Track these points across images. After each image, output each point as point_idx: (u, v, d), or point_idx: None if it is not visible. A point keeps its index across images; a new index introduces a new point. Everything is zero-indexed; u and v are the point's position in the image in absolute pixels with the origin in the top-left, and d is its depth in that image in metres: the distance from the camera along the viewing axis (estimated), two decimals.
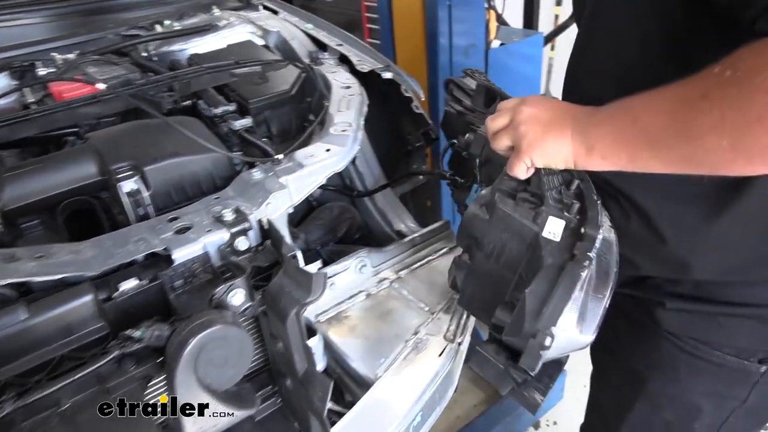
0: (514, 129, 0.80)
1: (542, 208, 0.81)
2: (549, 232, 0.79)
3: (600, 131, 0.71)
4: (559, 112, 0.78)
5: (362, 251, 1.24)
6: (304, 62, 1.48)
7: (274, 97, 1.27)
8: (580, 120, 0.74)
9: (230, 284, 0.75)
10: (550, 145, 0.76)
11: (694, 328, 0.92)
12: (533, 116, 0.78)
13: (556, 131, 0.75)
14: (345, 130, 1.10)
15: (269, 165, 1.04)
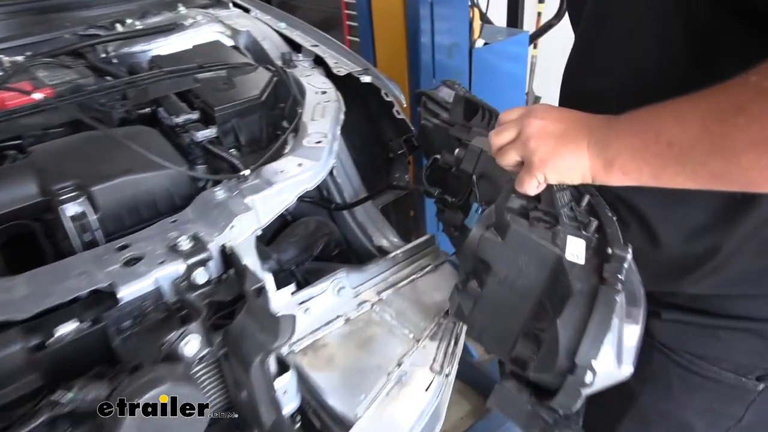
0: (523, 143, 0.73)
1: (559, 228, 0.74)
2: (572, 254, 0.72)
3: (620, 144, 0.65)
4: (573, 123, 0.71)
5: (340, 272, 1.15)
6: (276, 65, 1.37)
7: (242, 104, 1.16)
8: (597, 132, 0.68)
9: (183, 330, 0.64)
10: (564, 160, 0.70)
11: (691, 341, 0.88)
12: (544, 128, 0.71)
13: (571, 144, 0.69)
14: (319, 141, 1.00)
15: (234, 182, 0.93)
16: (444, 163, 1.19)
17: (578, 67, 0.91)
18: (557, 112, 0.74)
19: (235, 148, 1.20)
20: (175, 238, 0.79)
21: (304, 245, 1.20)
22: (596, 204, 0.84)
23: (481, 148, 1.05)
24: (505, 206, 0.82)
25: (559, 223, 0.76)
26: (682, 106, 0.59)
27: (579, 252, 0.72)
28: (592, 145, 0.68)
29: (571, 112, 0.74)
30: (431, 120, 1.24)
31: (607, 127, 0.68)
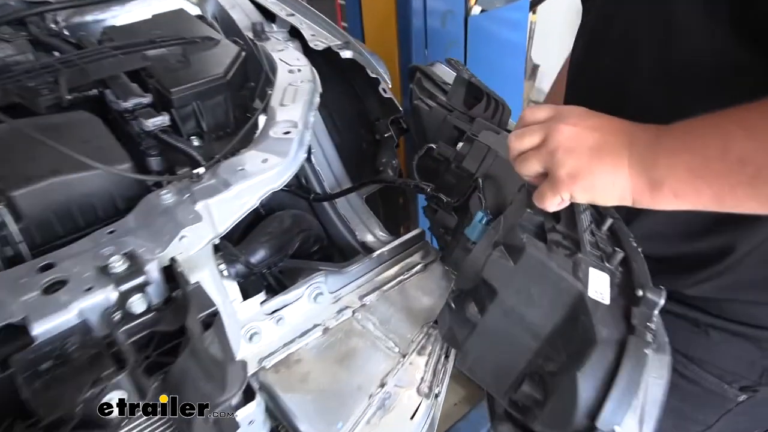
0: (549, 152, 0.62)
1: (580, 256, 0.64)
2: (595, 291, 0.61)
3: (672, 162, 0.56)
4: (611, 132, 0.61)
5: (318, 275, 1.02)
6: (245, 37, 1.21)
7: (204, 84, 1.01)
8: (641, 145, 0.58)
9: (102, 387, 0.52)
10: (599, 179, 0.60)
11: (677, 335, 0.79)
12: (576, 137, 0.61)
13: (608, 159, 0.59)
14: (288, 132, 0.85)
15: (186, 182, 0.79)
16: (440, 155, 1.05)
17: (593, 57, 0.80)
18: (592, 118, 0.62)
19: (197, 135, 1.05)
20: (109, 256, 0.65)
21: (277, 244, 1.07)
22: (618, 229, 0.74)
23: (489, 146, 0.91)
24: (518, 222, 0.69)
25: (580, 250, 0.65)
26: (751, 116, 0.49)
27: (603, 288, 0.62)
28: (636, 161, 0.58)
29: (608, 118, 0.63)
30: (426, 101, 1.09)
31: (655, 140, 0.57)
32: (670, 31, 0.67)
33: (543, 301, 0.65)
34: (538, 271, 0.65)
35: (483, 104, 1.06)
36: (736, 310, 0.80)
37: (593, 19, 0.86)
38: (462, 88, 1.06)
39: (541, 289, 0.65)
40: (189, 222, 0.71)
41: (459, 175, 0.99)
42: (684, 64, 0.68)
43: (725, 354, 0.82)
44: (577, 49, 0.95)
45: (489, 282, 0.71)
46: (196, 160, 0.92)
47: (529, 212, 0.70)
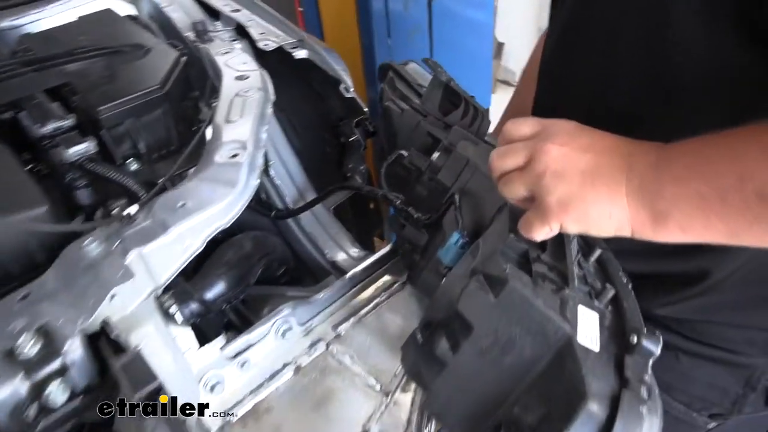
0: (536, 176, 0.55)
1: (567, 293, 0.57)
2: (585, 335, 0.54)
3: (680, 192, 0.48)
4: (605, 152, 0.53)
5: (285, 308, 0.90)
6: (185, 39, 1.07)
7: (138, 99, 0.87)
8: (640, 169, 0.51)
9: None
10: (594, 208, 0.52)
11: None
12: (565, 159, 0.53)
13: (604, 186, 0.52)
14: (236, 155, 0.73)
15: (116, 226, 0.66)
16: (411, 164, 0.94)
17: (567, 50, 0.73)
18: (584, 136, 0.54)
19: (134, 158, 0.92)
20: (17, 335, 0.53)
21: (237, 275, 0.95)
22: (607, 261, 0.68)
23: (468, 158, 0.81)
24: (500, 249, 0.60)
25: (568, 285, 0.58)
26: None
27: (592, 332, 0.55)
28: (635, 189, 0.50)
29: (601, 136, 0.55)
30: (398, 103, 0.98)
31: (658, 164, 0.50)
32: (660, 26, 0.58)
33: (525, 343, 0.57)
34: (522, 308, 0.57)
35: (460, 111, 0.95)
36: (710, 332, 0.74)
37: (567, 10, 0.75)
38: (438, 91, 0.95)
39: (524, 329, 0.57)
40: (119, 280, 0.58)
41: (432, 187, 0.88)
42: (677, 66, 0.59)
43: (695, 380, 0.77)
44: (549, 46, 0.85)
45: (464, 316, 0.62)
46: (134, 193, 0.79)
47: (511, 237, 0.62)
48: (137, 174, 0.91)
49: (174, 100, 0.94)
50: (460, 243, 0.75)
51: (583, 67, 0.74)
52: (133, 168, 0.91)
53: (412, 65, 1.14)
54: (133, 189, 0.79)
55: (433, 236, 0.89)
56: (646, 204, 0.49)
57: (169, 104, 0.92)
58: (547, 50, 0.87)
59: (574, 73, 0.77)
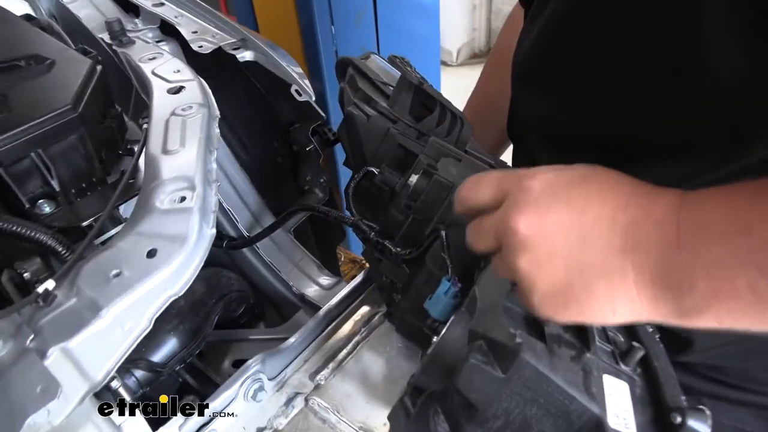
0: (510, 265, 0.44)
1: (589, 357, 0.48)
2: (616, 415, 0.46)
3: (720, 286, 0.36)
4: (595, 227, 0.40)
5: (252, 364, 0.76)
6: (99, 42, 0.88)
7: (43, 126, 0.69)
8: (654, 252, 0.38)
9: None
10: (589, 308, 0.41)
11: None
12: (540, 243, 0.41)
13: (600, 281, 0.40)
14: (183, 197, 0.57)
15: (29, 311, 0.49)
16: (383, 184, 0.80)
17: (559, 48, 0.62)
18: (562, 202, 0.42)
19: (46, 198, 0.74)
20: None
21: (190, 328, 0.79)
22: None
23: (454, 183, 0.68)
24: (504, 305, 0.51)
25: (589, 349, 0.49)
26: None
27: (624, 408, 0.47)
28: (648, 281, 0.38)
29: (589, 195, 0.42)
30: (363, 108, 0.83)
31: (679, 243, 0.37)
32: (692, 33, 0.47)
33: (544, 426, 0.48)
34: (538, 385, 0.47)
35: (435, 116, 0.82)
36: (745, 375, 0.66)
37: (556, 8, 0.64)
38: (408, 94, 0.81)
39: (542, 410, 0.47)
40: (39, 400, 0.42)
41: (410, 214, 0.76)
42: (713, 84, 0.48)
43: (723, 426, 0.69)
44: (529, 47, 0.73)
45: (468, 395, 0.51)
46: (54, 250, 0.62)
47: (515, 288, 0.51)
48: (52, 217, 0.73)
49: (91, 121, 0.76)
50: (452, 293, 0.64)
51: (580, 76, 0.63)
52: (46, 211, 0.73)
53: (373, 59, 1.00)
54: (46, 243, 0.62)
55: (414, 273, 0.76)
56: (668, 299, 0.38)
57: (86, 127, 0.74)
58: (525, 52, 0.75)
59: (567, 82, 0.66)
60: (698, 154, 0.53)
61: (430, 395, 0.60)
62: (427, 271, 0.73)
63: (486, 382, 0.49)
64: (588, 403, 0.45)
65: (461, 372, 0.50)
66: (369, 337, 0.88)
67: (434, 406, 0.58)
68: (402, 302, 0.78)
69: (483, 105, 1.05)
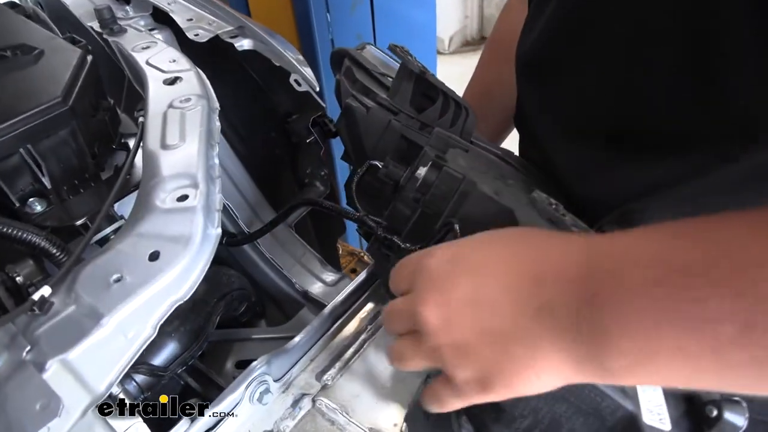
0: (430, 352, 0.42)
1: None
2: (650, 411, 0.44)
3: (644, 347, 0.32)
4: (504, 294, 0.39)
5: (257, 366, 0.73)
6: (89, 30, 0.84)
7: (32, 119, 0.65)
8: (565, 312, 0.35)
9: None
10: (515, 379, 0.39)
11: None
12: (453, 325, 0.40)
13: (519, 348, 0.38)
14: (185, 196, 0.54)
15: (25, 320, 0.46)
16: (387, 177, 0.77)
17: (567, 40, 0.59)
18: (463, 276, 0.41)
19: (37, 196, 0.70)
20: None
21: (192, 330, 0.76)
22: None
23: (464, 175, 0.65)
24: None
25: None
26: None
27: (658, 404, 0.45)
28: (566, 343, 0.35)
29: (488, 260, 0.41)
30: (362, 100, 0.80)
31: (592, 300, 0.34)
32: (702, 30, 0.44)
33: (575, 425, 0.47)
34: (571, 387, 0.45)
35: (438, 107, 0.79)
36: None
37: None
38: (409, 84, 0.78)
39: (572, 408, 0.46)
40: (39, 418, 0.39)
41: (418, 208, 0.73)
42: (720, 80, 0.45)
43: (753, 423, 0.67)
44: (530, 35, 0.70)
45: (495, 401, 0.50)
46: (39, 248, 0.58)
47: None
48: (44, 216, 0.70)
49: (83, 114, 0.72)
50: None
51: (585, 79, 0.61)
52: (37, 209, 0.69)
53: (369, 49, 0.96)
54: (40, 245, 0.58)
55: None
56: (592, 361, 0.35)
57: (77, 121, 0.71)
58: (528, 48, 0.72)
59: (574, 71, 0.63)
60: (700, 151, 0.50)
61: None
62: None
63: None
64: (621, 399, 0.44)
65: None
66: (376, 334, 0.85)
67: (458, 414, 0.56)
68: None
69: (481, 95, 1.03)
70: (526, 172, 0.82)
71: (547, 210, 0.61)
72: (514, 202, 0.66)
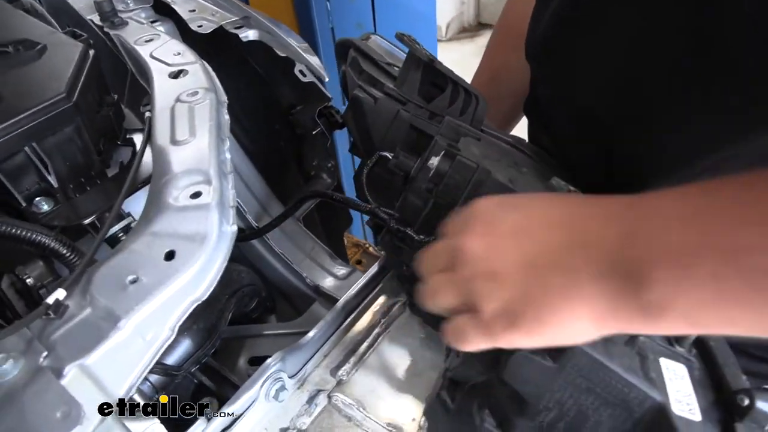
0: (463, 281, 0.42)
1: (643, 341, 0.47)
2: (679, 401, 0.43)
3: (680, 273, 0.33)
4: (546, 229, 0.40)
5: (273, 363, 0.72)
6: (89, 24, 0.82)
7: (37, 116, 0.64)
8: (606, 243, 0.36)
9: None
10: (549, 314, 0.38)
11: None
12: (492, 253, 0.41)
13: (556, 279, 0.37)
14: (198, 193, 0.53)
15: (39, 324, 0.45)
16: (397, 168, 0.76)
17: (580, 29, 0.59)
18: (509, 213, 0.42)
19: (44, 195, 0.69)
20: None
21: (204, 327, 0.75)
22: None
23: (478, 163, 0.64)
24: None
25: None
26: None
27: (686, 393, 0.44)
28: (604, 273, 0.35)
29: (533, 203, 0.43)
30: (369, 90, 0.78)
31: (632, 232, 0.35)
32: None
33: (601, 417, 0.45)
34: (594, 374, 0.44)
35: (447, 96, 0.78)
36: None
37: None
38: (417, 72, 0.76)
39: (599, 400, 0.45)
40: (58, 429, 0.38)
41: (430, 199, 0.71)
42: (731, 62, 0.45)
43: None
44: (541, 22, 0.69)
45: (514, 388, 0.48)
46: (49, 248, 0.57)
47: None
48: (51, 216, 0.68)
49: (87, 110, 0.70)
50: None
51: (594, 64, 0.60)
52: (44, 209, 0.68)
53: (374, 39, 0.94)
54: (50, 246, 0.57)
55: None
56: (627, 295, 0.35)
57: (82, 117, 0.69)
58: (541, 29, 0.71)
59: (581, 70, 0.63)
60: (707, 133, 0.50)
61: (471, 389, 0.57)
62: None
63: (536, 373, 0.46)
64: (648, 389, 0.43)
65: (508, 364, 0.47)
66: (389, 328, 0.84)
67: (476, 400, 0.55)
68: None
69: (490, 81, 1.01)
70: (539, 160, 0.80)
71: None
72: (529, 190, 0.65)
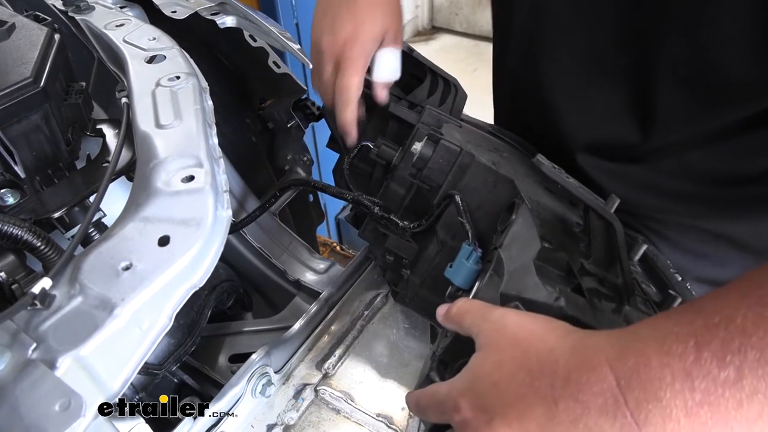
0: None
1: (628, 310, 0.51)
2: None
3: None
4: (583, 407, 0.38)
5: (258, 358, 0.70)
6: (52, 8, 0.78)
7: (3, 100, 0.59)
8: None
9: None
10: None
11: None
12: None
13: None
14: (191, 176, 0.50)
15: (25, 316, 0.42)
16: (379, 158, 0.75)
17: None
18: (532, 392, 0.41)
19: (9, 187, 0.64)
20: None
21: (183, 325, 0.72)
22: (654, 258, 0.64)
23: (461, 147, 0.64)
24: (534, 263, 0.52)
25: (627, 300, 0.52)
26: None
27: None
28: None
29: (552, 370, 0.41)
30: None
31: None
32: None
33: None
34: None
35: (427, 86, 0.79)
36: None
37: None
38: None
39: None
40: (59, 423, 0.35)
41: (413, 185, 0.71)
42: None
43: None
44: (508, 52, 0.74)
45: None
46: (23, 241, 0.53)
47: (545, 246, 0.53)
48: (18, 209, 0.64)
49: (55, 97, 0.66)
50: (474, 258, 0.60)
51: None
52: (9, 201, 0.63)
53: None
54: (24, 239, 0.53)
55: (424, 245, 0.72)
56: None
57: (50, 104, 0.65)
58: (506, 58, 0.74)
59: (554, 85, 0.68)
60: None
61: (460, 368, 0.56)
62: (438, 241, 0.69)
63: None
64: None
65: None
66: (373, 319, 0.83)
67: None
68: (412, 278, 0.74)
69: None
70: (517, 145, 0.82)
71: (553, 172, 0.61)
72: (512, 172, 0.66)
